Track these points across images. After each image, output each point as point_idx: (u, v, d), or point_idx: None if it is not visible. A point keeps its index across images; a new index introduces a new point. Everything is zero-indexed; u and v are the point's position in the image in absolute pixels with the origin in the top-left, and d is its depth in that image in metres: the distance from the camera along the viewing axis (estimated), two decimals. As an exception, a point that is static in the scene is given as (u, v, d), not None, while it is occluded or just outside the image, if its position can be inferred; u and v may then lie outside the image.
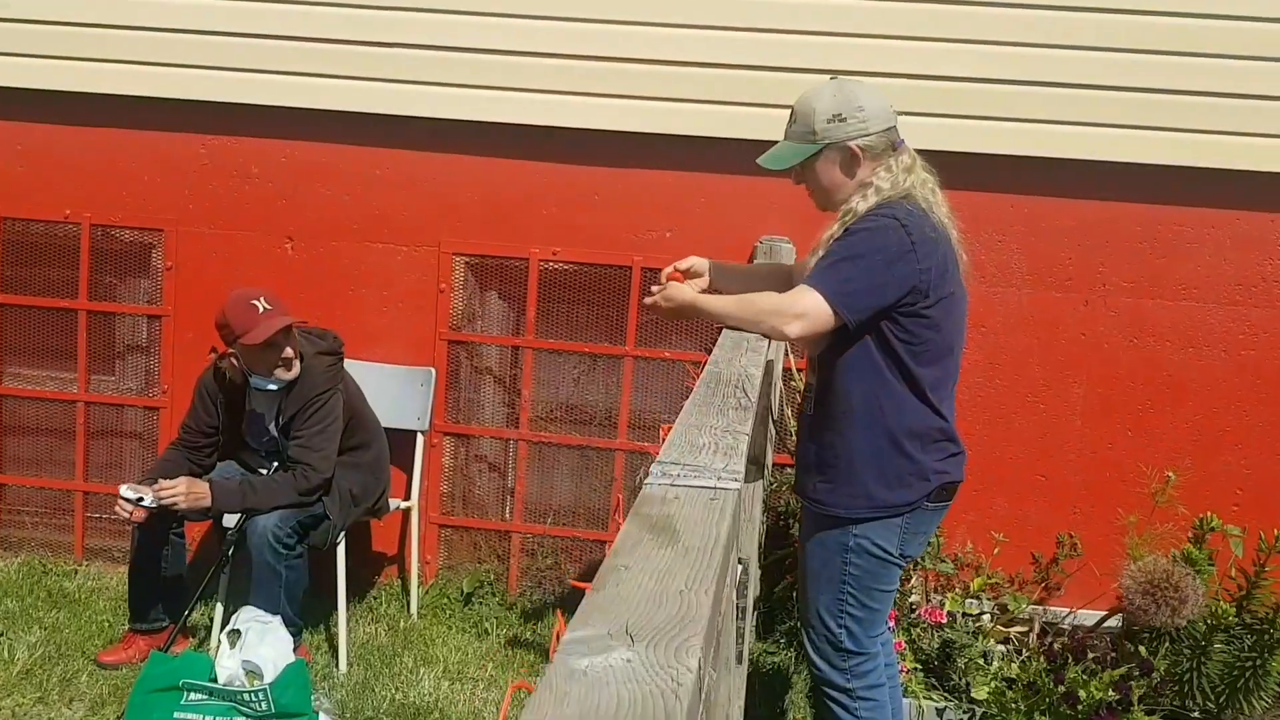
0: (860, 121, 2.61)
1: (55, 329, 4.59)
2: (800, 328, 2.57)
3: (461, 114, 4.26)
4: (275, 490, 3.68)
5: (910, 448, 2.67)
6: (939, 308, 2.62)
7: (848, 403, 2.67)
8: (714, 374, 2.34)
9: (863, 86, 2.67)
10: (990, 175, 4.16)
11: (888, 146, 2.65)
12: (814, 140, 2.64)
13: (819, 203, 2.77)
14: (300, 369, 3.76)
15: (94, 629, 4.13)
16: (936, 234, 2.61)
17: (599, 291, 4.40)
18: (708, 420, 1.86)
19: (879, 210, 2.58)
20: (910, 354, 2.63)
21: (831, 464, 2.72)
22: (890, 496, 2.68)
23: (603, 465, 4.49)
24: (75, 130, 4.45)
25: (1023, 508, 4.33)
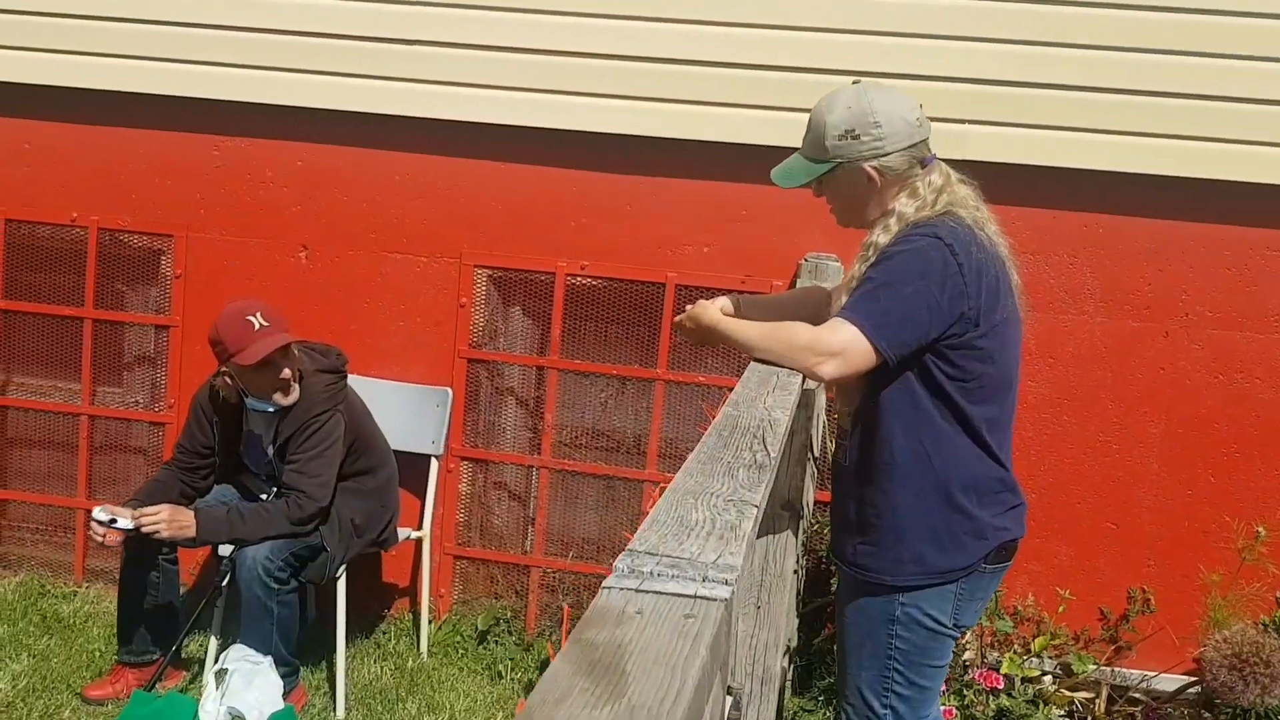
0: (875, 140, 2.26)
1: (60, 337, 4.37)
2: (835, 367, 2.21)
3: (487, 117, 3.96)
4: (266, 519, 3.40)
5: (965, 503, 2.32)
6: (992, 336, 2.25)
7: (890, 453, 2.32)
8: (730, 418, 2.00)
9: (885, 96, 2.29)
10: (1060, 190, 3.78)
11: (912, 165, 2.30)
12: (825, 158, 2.31)
13: (840, 220, 2.45)
14: (299, 387, 3.48)
15: (84, 659, 3.89)
16: (985, 252, 2.24)
17: (630, 309, 4.08)
18: (710, 484, 1.53)
19: (918, 229, 2.24)
20: (962, 392, 2.27)
21: (873, 524, 2.36)
22: (943, 560, 2.33)
23: (630, 497, 4.17)
24: (83, 129, 4.22)
25: (1090, 558, 3.92)
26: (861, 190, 2.32)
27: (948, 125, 3.72)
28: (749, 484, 1.56)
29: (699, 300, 2.56)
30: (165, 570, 3.68)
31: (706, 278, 3.97)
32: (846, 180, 2.32)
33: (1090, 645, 3.93)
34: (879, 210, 2.33)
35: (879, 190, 2.31)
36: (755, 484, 1.57)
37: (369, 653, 4.05)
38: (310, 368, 3.53)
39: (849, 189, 2.33)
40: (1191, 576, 3.81)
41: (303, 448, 3.46)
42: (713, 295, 3.94)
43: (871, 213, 2.35)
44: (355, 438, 3.60)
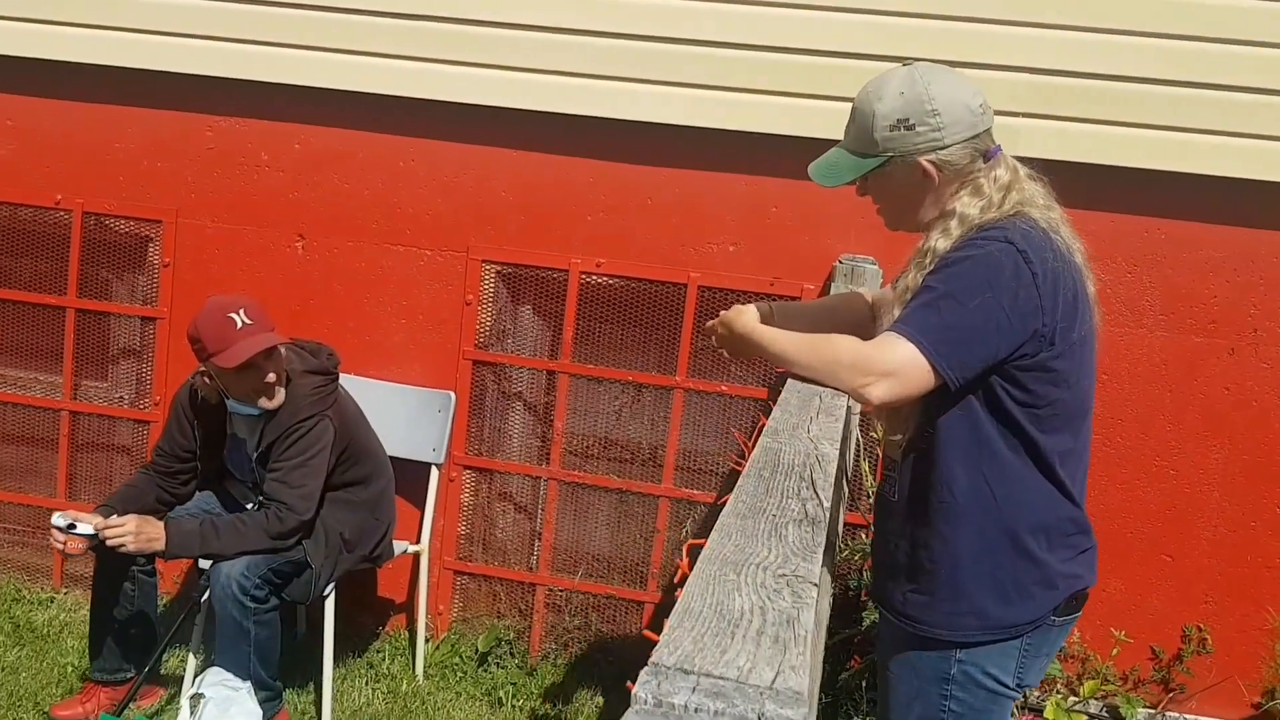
0: (933, 130, 1.96)
1: (41, 327, 4.10)
2: (887, 390, 1.88)
3: (497, 100, 3.67)
4: (242, 533, 3.12)
5: (1034, 547, 2.02)
6: (1068, 357, 1.95)
7: (949, 490, 2.01)
8: (770, 452, 1.71)
9: (942, 80, 1.98)
10: (1121, 192, 3.46)
11: (974, 158, 1.99)
12: (874, 152, 2.00)
13: (890, 223, 2.14)
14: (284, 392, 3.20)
15: (55, 674, 3.63)
16: (1061, 259, 1.94)
17: (648, 311, 3.78)
18: (753, 548, 1.24)
19: (985, 232, 1.94)
20: (1032, 420, 1.97)
21: (927, 570, 2.06)
22: (1008, 613, 2.03)
23: (644, 512, 3.87)
24: (69, 105, 3.95)
25: (1143, 593, 3.61)
26: (916, 188, 2.02)
27: (998, 118, 3.41)
28: (802, 548, 1.27)
29: (734, 305, 2.25)
30: (141, 582, 3.41)
31: (732, 279, 3.67)
32: (899, 177, 2.01)
33: (1139, 687, 3.64)
34: (936, 211, 2.03)
35: (936, 188, 2.00)
36: (810, 548, 1.27)
37: (360, 674, 3.77)
38: (298, 368, 3.25)
39: (901, 187, 2.03)
40: (1253, 616, 3.50)
41: (285, 455, 3.17)
42: (738, 298, 3.69)
43: (927, 214, 2.04)
44: (346, 445, 3.32)
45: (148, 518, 3.11)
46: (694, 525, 3.83)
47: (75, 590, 4.13)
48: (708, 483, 3.82)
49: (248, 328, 3.06)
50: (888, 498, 2.16)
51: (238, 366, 3.03)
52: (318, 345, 3.36)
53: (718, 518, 1.41)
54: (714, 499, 3.80)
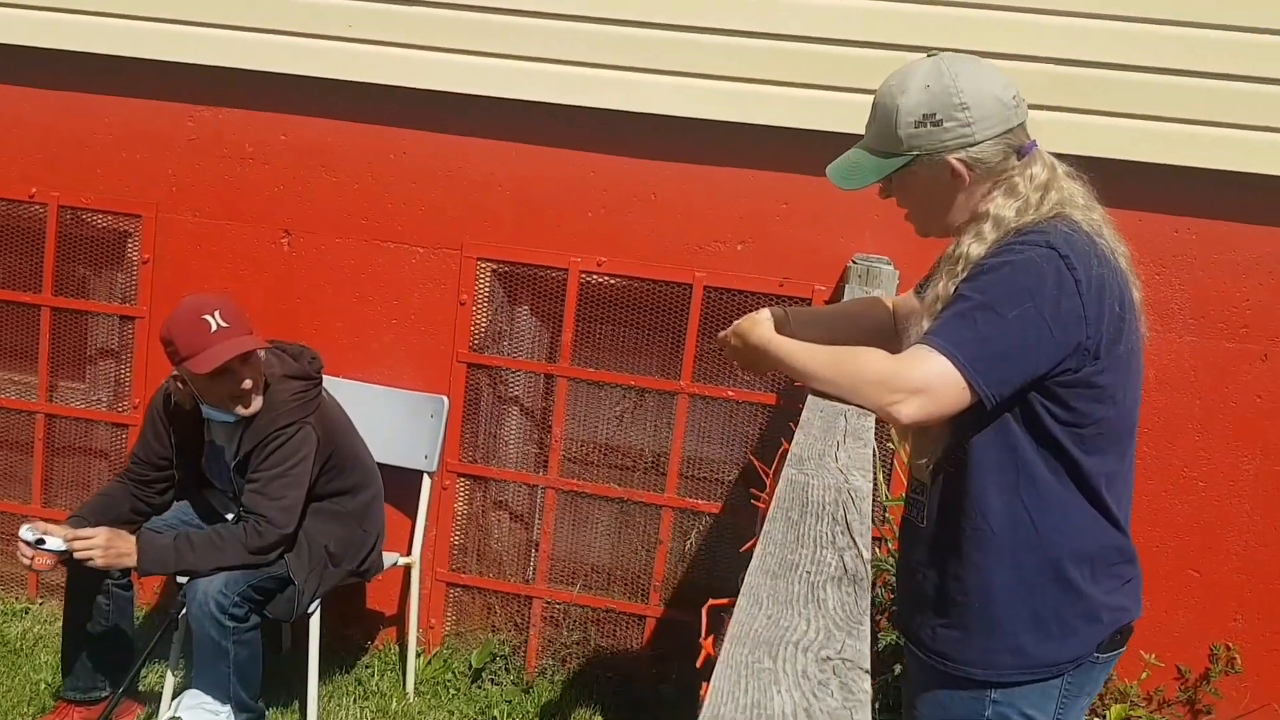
0: (963, 126, 1.80)
1: (17, 326, 3.92)
2: (918, 409, 1.72)
3: (494, 90, 3.48)
4: (219, 548, 2.94)
5: (1077, 578, 1.85)
6: (1114, 371, 1.79)
7: (983, 517, 1.85)
8: (796, 487, 1.54)
9: (971, 71, 1.82)
10: (1148, 190, 3.29)
11: (1008, 155, 1.83)
12: (898, 151, 1.85)
13: (919, 228, 1.98)
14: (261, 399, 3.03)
15: (28, 691, 3.46)
16: (1107, 265, 1.78)
17: (652, 313, 3.60)
18: (789, 621, 1.06)
19: (1024, 236, 1.78)
20: (1075, 440, 1.81)
21: (958, 603, 1.90)
22: (1048, 650, 1.87)
23: (646, 522, 3.70)
24: (44, 94, 3.76)
25: (1168, 610, 3.45)
26: (945, 189, 1.86)
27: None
28: (846, 617, 1.10)
29: (748, 314, 2.08)
30: (116, 596, 3.23)
31: (739, 279, 3.49)
32: (926, 177, 1.86)
33: (1165, 708, 3.48)
34: (967, 213, 1.88)
35: (967, 188, 1.85)
36: (855, 617, 1.10)
37: (348, 691, 3.60)
38: (278, 373, 3.07)
39: (929, 188, 1.88)
40: (1286, 635, 3.35)
41: (264, 466, 2.99)
42: (745, 299, 3.51)
43: (957, 216, 1.89)
44: (330, 453, 3.14)
45: (119, 531, 2.94)
46: (698, 537, 3.66)
47: (51, 600, 3.95)
48: (713, 492, 3.64)
49: (222, 330, 2.89)
50: (914, 523, 1.99)
51: (211, 372, 2.86)
52: (300, 348, 3.18)
53: (744, 573, 1.23)
54: (719, 509, 3.63)
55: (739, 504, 3.59)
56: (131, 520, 3.14)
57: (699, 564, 3.67)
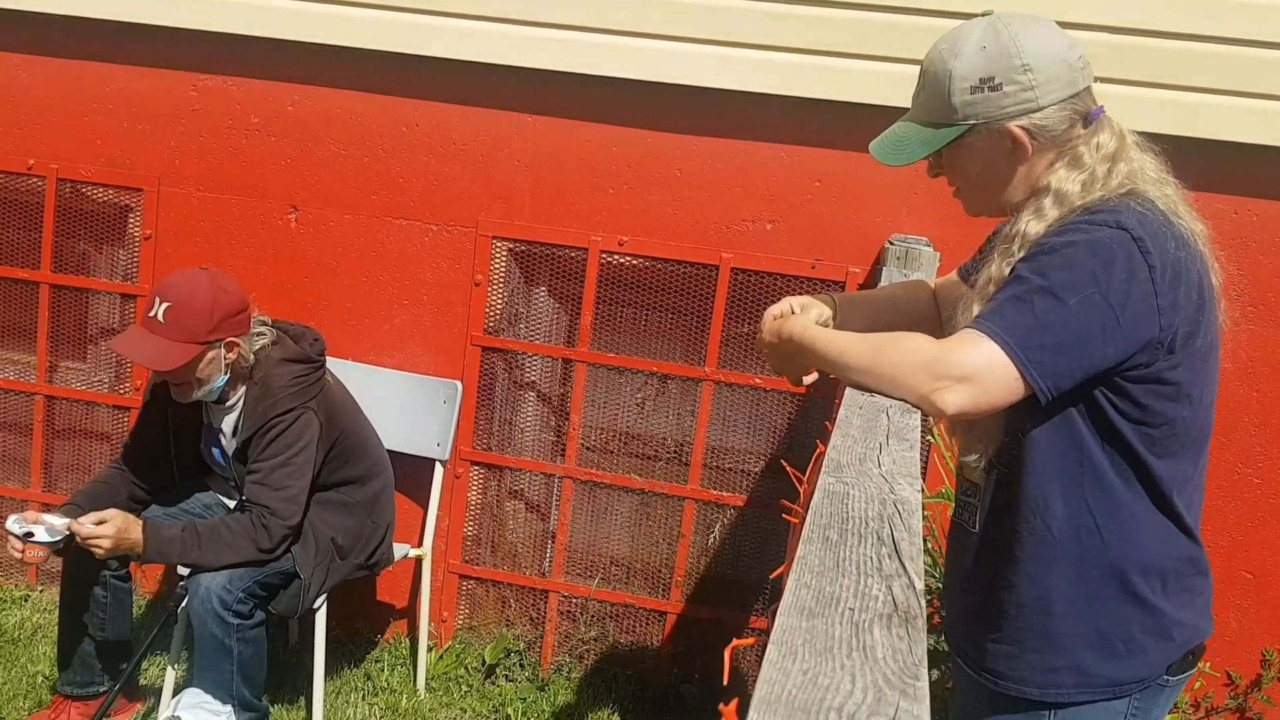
0: (1025, 90, 1.62)
1: (15, 303, 3.77)
2: (963, 399, 1.54)
3: (511, 58, 3.30)
4: (226, 543, 2.80)
5: (1146, 591, 1.69)
6: (1190, 367, 1.62)
7: (1043, 521, 1.68)
8: (834, 498, 1.36)
9: (1032, 29, 1.64)
10: (1204, 167, 3.07)
11: (1073, 123, 1.65)
12: (951, 120, 1.67)
13: (970, 206, 1.80)
14: (257, 379, 2.90)
15: (25, 685, 3.33)
16: (1185, 248, 1.60)
17: (676, 295, 3.42)
18: (829, 679, 0.89)
19: (1091, 214, 1.59)
20: (1145, 441, 1.63)
21: (1013, 617, 1.73)
22: (1112, 669, 1.71)
23: (667, 515, 3.54)
24: (41, 61, 3.59)
25: (1217, 612, 3.23)
26: (1004, 162, 1.68)
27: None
28: (900, 670, 0.93)
29: (783, 310, 1.89)
30: (115, 588, 3.10)
31: (769, 260, 3.31)
32: (982, 149, 1.68)
33: (1213, 715, 3.30)
34: (1026, 189, 1.70)
35: (1029, 160, 1.67)
36: (909, 668, 0.93)
37: (356, 687, 3.46)
38: (276, 356, 2.91)
39: (986, 161, 1.69)
40: (1346, 643, 3.16)
41: (264, 455, 2.84)
42: (775, 282, 3.32)
43: (1016, 192, 1.71)
44: (335, 439, 2.98)
45: (131, 517, 2.80)
46: (722, 530, 3.49)
47: (52, 588, 3.82)
48: (738, 483, 3.47)
49: (153, 323, 2.75)
50: (965, 527, 1.82)
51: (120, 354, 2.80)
52: (301, 329, 3.03)
53: (774, 612, 1.06)
54: (744, 502, 3.46)
55: (765, 497, 3.42)
56: (129, 508, 2.99)
57: (722, 558, 3.51)
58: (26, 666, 3.40)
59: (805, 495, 1.72)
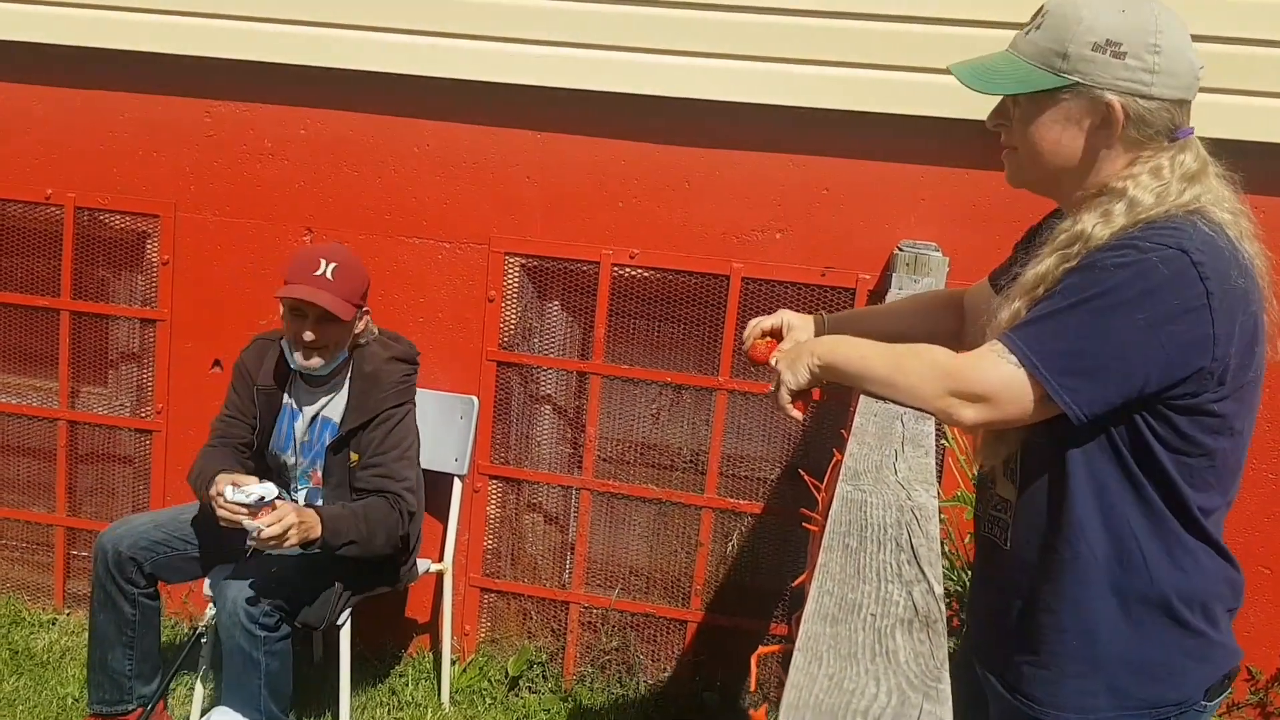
0: (1146, 70, 1.52)
1: (36, 331, 3.83)
2: (979, 415, 1.54)
3: (520, 77, 3.34)
4: (380, 521, 2.96)
5: (1189, 616, 1.64)
6: (1237, 399, 1.56)
7: (1086, 544, 1.62)
8: (852, 506, 1.39)
9: (1173, 18, 1.55)
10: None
11: (1166, 130, 1.56)
12: (1059, 68, 1.56)
13: (1019, 173, 1.68)
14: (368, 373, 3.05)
15: (55, 707, 3.37)
16: (1248, 279, 1.52)
17: (688, 305, 3.46)
18: (854, 683, 0.92)
19: (1155, 229, 1.50)
20: (1183, 471, 1.57)
21: (1052, 640, 1.69)
22: (1150, 692, 1.66)
23: (685, 524, 3.56)
24: (57, 92, 3.65)
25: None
26: (1085, 134, 1.57)
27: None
28: (922, 673, 0.95)
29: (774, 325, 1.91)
30: (143, 607, 3.13)
31: (779, 269, 3.34)
32: (1072, 113, 1.57)
33: (1234, 710, 3.31)
34: (1091, 177, 1.60)
35: (1110, 145, 1.57)
36: (932, 672, 0.95)
37: (382, 702, 3.49)
38: (382, 355, 3.08)
39: (1068, 128, 1.58)
40: (1366, 636, 3.17)
41: (383, 448, 3.00)
42: (785, 290, 3.36)
43: (1077, 176, 1.61)
44: None
45: (297, 505, 2.88)
46: (740, 538, 3.51)
47: (79, 611, 3.88)
48: (755, 491, 3.50)
49: (322, 280, 2.92)
50: (995, 543, 1.77)
51: (284, 299, 2.95)
52: (398, 335, 3.21)
53: (797, 618, 1.09)
54: (761, 509, 3.49)
55: (781, 504, 3.44)
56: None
57: (741, 566, 3.53)
58: (56, 689, 3.44)
59: (824, 503, 1.74)
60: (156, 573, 3.06)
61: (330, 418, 3.10)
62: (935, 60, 3.08)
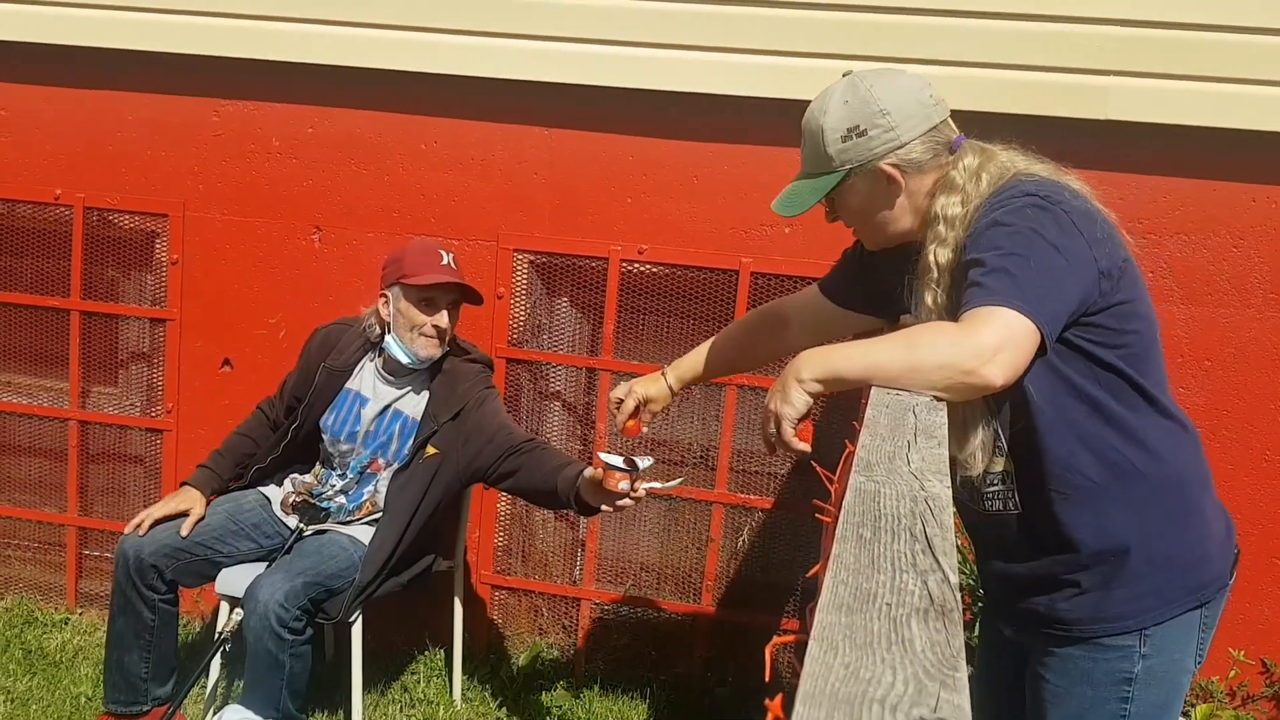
0: (886, 131, 1.83)
1: (46, 331, 3.84)
2: (1004, 366, 1.59)
3: (526, 73, 3.35)
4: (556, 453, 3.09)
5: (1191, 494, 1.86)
6: (1131, 286, 1.79)
7: (1080, 473, 1.80)
8: (866, 496, 1.38)
9: (885, 80, 1.86)
10: (1224, 156, 3.09)
11: (938, 153, 1.86)
12: (831, 168, 1.88)
13: (869, 241, 2.00)
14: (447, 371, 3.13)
15: (68, 706, 3.38)
16: (1079, 199, 1.76)
17: (696, 301, 3.45)
18: (871, 672, 0.91)
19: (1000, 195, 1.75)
20: (1130, 360, 1.78)
21: (1088, 567, 1.84)
22: (1189, 579, 1.83)
23: (696, 520, 3.56)
24: (64, 93, 3.67)
25: (1250, 600, 3.26)
26: (883, 197, 1.88)
27: (1085, 78, 3.06)
28: (939, 662, 0.94)
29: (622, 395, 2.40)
30: (162, 611, 3.12)
31: (788, 264, 3.33)
32: (863, 190, 1.88)
33: (1249, 703, 3.29)
34: (914, 218, 1.88)
35: (904, 192, 1.86)
36: (948, 660, 0.95)
37: (394, 699, 3.49)
38: (458, 358, 3.16)
39: (867, 199, 1.89)
40: (1381, 627, 3.15)
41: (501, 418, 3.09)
42: (794, 284, 3.34)
43: (902, 222, 1.90)
44: None
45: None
46: (751, 533, 3.51)
47: (91, 610, 3.89)
48: (765, 486, 3.50)
49: (450, 269, 3.03)
50: (1002, 514, 1.89)
51: (425, 286, 2.98)
52: (473, 344, 3.28)
53: (813, 606, 1.09)
54: (772, 504, 3.48)
55: (792, 498, 3.44)
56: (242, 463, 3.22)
57: (752, 561, 3.53)
58: (69, 688, 3.45)
59: (836, 494, 1.74)
60: (177, 578, 3.06)
61: (404, 411, 3.12)
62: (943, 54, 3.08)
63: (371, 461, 3.15)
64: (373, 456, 3.15)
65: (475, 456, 3.06)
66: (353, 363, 3.19)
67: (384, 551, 3.01)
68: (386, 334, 3.09)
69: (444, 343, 3.09)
